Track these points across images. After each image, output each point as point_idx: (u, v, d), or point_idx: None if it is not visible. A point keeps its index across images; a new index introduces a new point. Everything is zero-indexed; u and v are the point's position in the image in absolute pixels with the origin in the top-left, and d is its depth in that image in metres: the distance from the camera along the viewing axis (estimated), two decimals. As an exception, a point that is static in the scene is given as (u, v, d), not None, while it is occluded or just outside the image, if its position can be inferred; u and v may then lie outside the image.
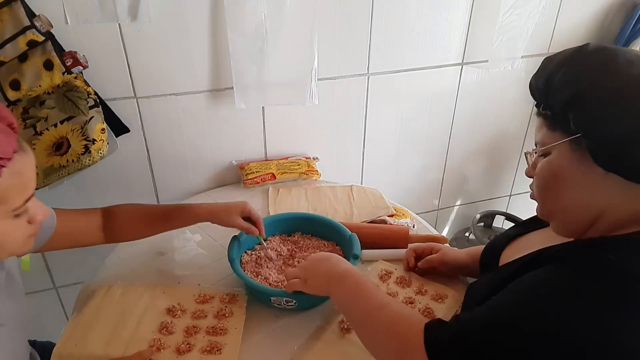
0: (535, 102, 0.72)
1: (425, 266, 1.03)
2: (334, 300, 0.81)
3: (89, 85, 1.17)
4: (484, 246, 0.97)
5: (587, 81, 0.62)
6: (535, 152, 0.71)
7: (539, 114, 0.71)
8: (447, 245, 1.10)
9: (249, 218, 1.02)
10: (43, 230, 0.85)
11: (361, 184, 1.69)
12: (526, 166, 0.75)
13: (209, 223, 1.25)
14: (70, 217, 0.94)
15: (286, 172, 1.45)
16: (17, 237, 0.68)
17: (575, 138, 0.63)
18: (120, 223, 0.99)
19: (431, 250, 1.05)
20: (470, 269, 1.01)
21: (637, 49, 1.59)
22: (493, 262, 0.88)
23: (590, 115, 0.61)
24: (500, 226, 1.98)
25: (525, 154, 0.74)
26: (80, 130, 1.15)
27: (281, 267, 1.06)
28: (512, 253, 0.84)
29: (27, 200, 0.66)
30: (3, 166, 0.61)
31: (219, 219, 1.01)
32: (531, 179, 0.74)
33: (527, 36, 1.56)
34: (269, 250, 1.07)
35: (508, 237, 0.88)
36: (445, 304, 0.97)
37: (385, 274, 1.05)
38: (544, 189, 0.70)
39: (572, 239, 0.71)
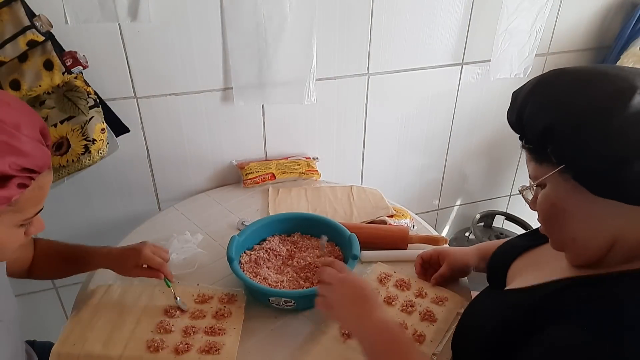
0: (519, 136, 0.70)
1: (439, 282, 1.01)
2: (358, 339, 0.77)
3: (89, 85, 1.17)
4: (492, 243, 0.96)
5: (554, 112, 0.60)
6: (530, 186, 0.69)
7: (523, 147, 0.69)
8: (446, 246, 1.10)
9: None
10: None
11: (361, 184, 1.69)
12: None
13: (208, 223, 1.26)
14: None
15: (286, 172, 1.45)
16: (14, 244, 0.71)
17: (563, 168, 0.61)
18: (37, 257, 0.96)
19: (438, 255, 1.03)
20: (479, 268, 1.00)
21: (638, 49, 1.59)
22: (502, 271, 0.86)
23: (566, 146, 0.59)
24: (500, 226, 1.97)
25: (520, 192, 0.72)
26: (80, 130, 1.15)
27: (280, 268, 1.06)
28: (522, 267, 0.82)
29: (36, 213, 0.70)
30: (33, 179, 0.65)
31: (115, 267, 0.96)
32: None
33: (537, 40, 1.56)
34: (179, 299, 0.97)
35: (520, 249, 0.85)
36: (446, 307, 0.97)
37: (385, 277, 1.05)
38: (548, 222, 0.68)
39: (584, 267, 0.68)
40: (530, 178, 0.69)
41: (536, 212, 0.70)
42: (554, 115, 0.60)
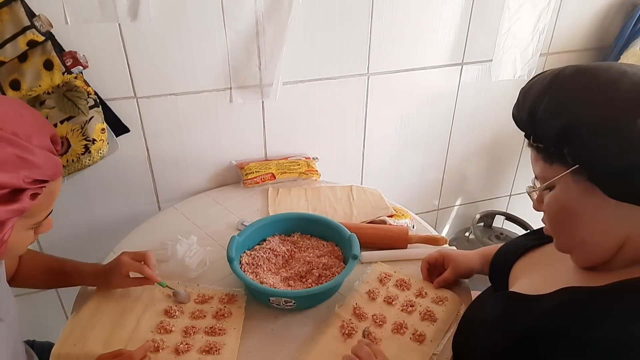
0: (524, 133, 0.68)
1: (442, 285, 1.01)
2: None
3: (89, 85, 1.17)
4: (495, 247, 0.96)
5: (574, 111, 0.58)
6: (536, 187, 0.67)
7: (530, 145, 0.66)
8: (448, 247, 1.09)
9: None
10: None
11: (361, 184, 1.69)
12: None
13: (208, 223, 1.26)
14: None
15: (286, 172, 1.45)
16: (24, 245, 0.73)
17: (576, 169, 0.59)
18: (22, 266, 0.96)
19: (443, 259, 1.03)
20: (482, 272, 1.00)
21: (638, 49, 1.59)
22: (504, 272, 0.86)
23: (585, 148, 0.58)
24: (500, 226, 1.97)
25: (527, 193, 0.70)
26: (80, 130, 1.15)
27: (280, 268, 1.06)
28: (526, 267, 0.82)
29: (47, 216, 0.72)
30: (45, 186, 0.66)
31: (102, 283, 0.97)
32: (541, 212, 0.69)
33: (540, 42, 1.56)
34: (182, 291, 0.99)
35: (523, 248, 0.84)
36: (446, 307, 0.97)
37: (385, 277, 1.05)
38: (557, 224, 0.66)
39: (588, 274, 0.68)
40: (536, 178, 0.68)
41: (541, 213, 0.69)
42: (574, 115, 0.58)
